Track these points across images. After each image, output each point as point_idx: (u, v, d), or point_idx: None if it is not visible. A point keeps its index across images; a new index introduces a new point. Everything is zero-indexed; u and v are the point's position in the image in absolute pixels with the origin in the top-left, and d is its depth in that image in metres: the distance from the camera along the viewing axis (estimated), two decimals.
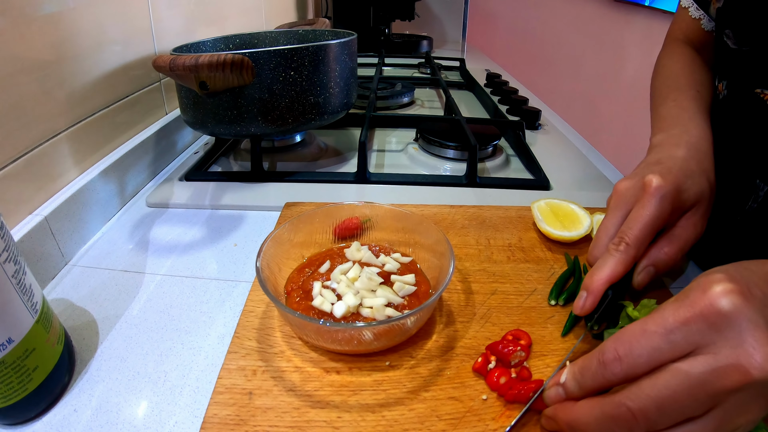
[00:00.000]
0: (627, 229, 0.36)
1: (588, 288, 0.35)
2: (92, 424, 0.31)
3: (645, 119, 1.74)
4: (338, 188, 0.62)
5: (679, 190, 0.36)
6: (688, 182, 0.37)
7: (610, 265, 0.35)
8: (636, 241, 0.35)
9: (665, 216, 0.36)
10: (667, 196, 0.35)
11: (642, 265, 0.37)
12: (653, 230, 0.36)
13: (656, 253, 0.37)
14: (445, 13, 1.81)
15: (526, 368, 0.34)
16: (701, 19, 0.54)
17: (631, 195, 0.38)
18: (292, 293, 0.38)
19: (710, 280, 0.24)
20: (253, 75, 0.54)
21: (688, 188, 0.37)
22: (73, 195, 0.49)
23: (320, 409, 0.31)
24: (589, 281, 0.35)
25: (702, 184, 0.38)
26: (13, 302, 0.29)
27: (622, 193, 0.39)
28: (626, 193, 0.38)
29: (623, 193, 0.39)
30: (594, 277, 0.35)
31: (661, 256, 0.36)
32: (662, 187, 0.35)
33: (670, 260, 0.37)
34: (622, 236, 0.36)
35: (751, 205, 0.46)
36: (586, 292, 0.35)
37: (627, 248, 0.35)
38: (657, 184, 0.36)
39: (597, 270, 0.35)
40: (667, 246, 0.37)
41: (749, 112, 0.45)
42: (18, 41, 0.44)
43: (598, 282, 0.35)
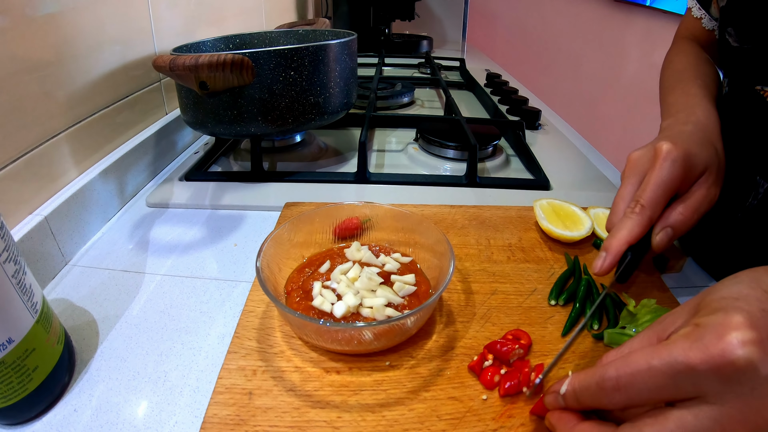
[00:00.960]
0: (642, 192, 0.37)
1: (608, 248, 0.36)
2: (92, 424, 0.31)
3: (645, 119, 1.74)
4: (338, 188, 0.62)
5: (689, 154, 0.37)
6: (696, 149, 0.38)
7: (627, 227, 0.36)
8: (651, 203, 0.36)
9: (677, 179, 0.37)
10: (678, 159, 0.36)
11: (659, 227, 0.37)
12: (667, 192, 0.37)
13: (672, 215, 0.37)
14: (445, 13, 1.81)
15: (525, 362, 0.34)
16: (702, 19, 0.55)
17: (643, 162, 0.39)
18: (292, 293, 0.38)
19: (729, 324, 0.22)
20: (253, 75, 0.54)
21: (697, 154, 0.38)
22: (73, 195, 0.49)
23: (320, 409, 0.31)
24: (609, 242, 0.36)
25: (710, 151, 0.39)
26: (13, 302, 0.29)
27: (635, 162, 0.40)
28: (639, 161, 0.40)
29: (636, 162, 0.40)
30: (613, 238, 0.36)
31: (677, 217, 0.37)
32: (673, 151, 0.37)
33: (686, 220, 0.37)
34: (637, 199, 0.37)
35: (752, 201, 0.46)
36: (605, 252, 0.36)
37: (642, 210, 0.36)
38: (668, 148, 0.37)
39: (616, 232, 0.37)
40: (682, 207, 0.38)
41: (750, 109, 0.45)
42: (18, 41, 0.44)
43: (618, 243, 0.36)
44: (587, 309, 0.39)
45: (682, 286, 0.46)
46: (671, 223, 0.37)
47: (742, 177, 0.46)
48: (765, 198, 0.45)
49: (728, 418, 0.21)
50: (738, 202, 0.47)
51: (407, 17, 1.53)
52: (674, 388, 0.23)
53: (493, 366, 0.33)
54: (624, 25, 1.78)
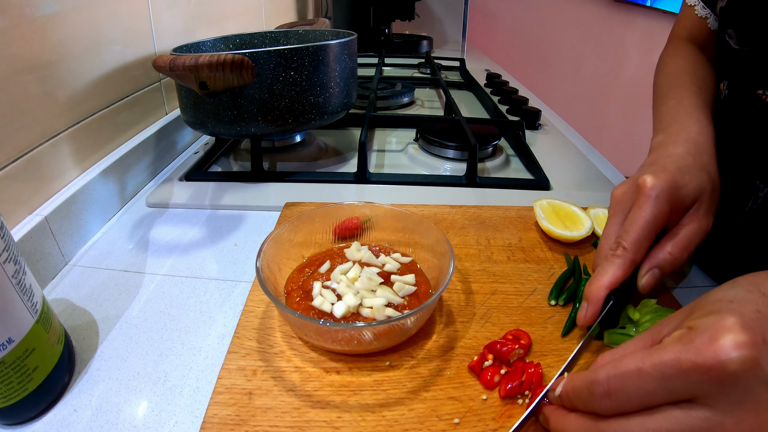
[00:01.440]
0: (623, 233, 0.35)
1: (588, 297, 0.34)
2: (92, 424, 0.31)
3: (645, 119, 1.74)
4: (338, 188, 0.62)
5: (676, 186, 0.35)
6: (686, 178, 0.36)
7: (609, 272, 0.34)
8: (633, 245, 0.34)
9: (663, 215, 0.35)
10: (662, 194, 0.35)
11: (645, 268, 0.35)
12: (651, 231, 0.35)
13: (659, 254, 0.35)
14: (445, 13, 1.81)
15: (526, 363, 0.34)
16: (707, 18, 0.53)
17: (627, 199, 0.37)
18: (292, 293, 0.38)
19: (722, 326, 0.21)
20: (253, 75, 0.54)
21: (685, 184, 0.36)
22: (73, 195, 0.49)
23: (320, 409, 0.31)
24: (589, 290, 0.35)
25: (701, 179, 0.37)
26: (13, 302, 0.29)
27: (619, 199, 0.38)
28: (623, 198, 0.38)
29: (620, 199, 0.38)
30: (593, 286, 0.34)
31: (665, 256, 0.35)
32: (656, 186, 0.35)
33: (675, 260, 0.35)
34: (619, 240, 0.35)
35: (751, 206, 0.46)
36: (587, 302, 0.34)
37: (624, 252, 0.34)
38: (651, 183, 0.35)
39: (596, 278, 0.35)
40: (671, 246, 0.35)
41: (750, 113, 0.45)
42: (18, 41, 0.44)
43: (598, 290, 0.34)
44: None
45: (682, 287, 0.46)
46: (658, 264, 0.35)
47: (742, 181, 0.46)
48: (764, 203, 0.44)
49: (720, 422, 0.21)
50: (737, 206, 0.47)
51: (407, 17, 1.53)
52: (665, 392, 0.22)
53: (493, 366, 0.33)
54: (624, 25, 1.78)
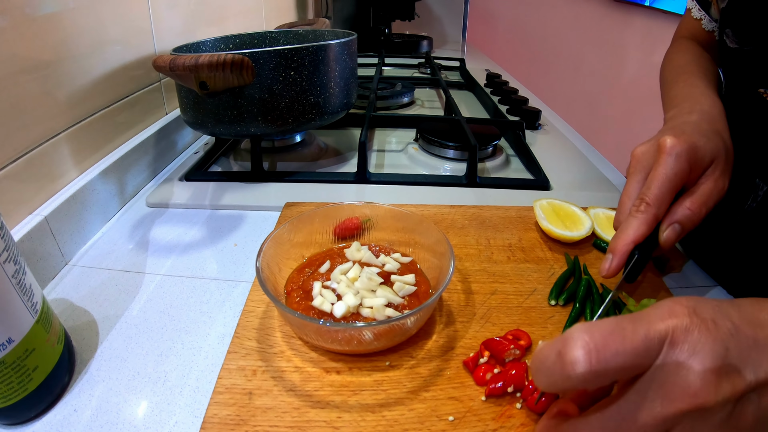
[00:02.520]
0: (646, 190, 0.36)
1: (614, 250, 0.36)
2: (92, 424, 0.31)
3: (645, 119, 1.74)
4: (338, 188, 0.62)
5: (695, 147, 0.36)
6: (702, 140, 0.37)
7: (633, 226, 0.36)
8: (656, 200, 0.36)
9: (683, 173, 0.36)
10: (683, 153, 0.36)
11: (666, 223, 0.37)
12: (672, 188, 0.36)
13: (679, 210, 0.37)
14: (445, 13, 1.81)
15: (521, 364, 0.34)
16: (702, 20, 0.54)
17: (648, 158, 0.39)
18: (292, 293, 0.38)
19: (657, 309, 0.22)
20: (253, 75, 0.54)
21: (702, 145, 0.37)
22: (73, 195, 0.49)
23: (320, 409, 0.31)
24: (614, 243, 0.36)
25: (716, 142, 0.38)
26: (13, 302, 0.29)
27: (639, 158, 0.39)
28: (643, 157, 0.39)
29: (640, 158, 0.39)
30: (619, 239, 0.36)
31: (684, 212, 0.36)
32: (676, 145, 0.36)
33: (693, 215, 0.36)
34: (642, 197, 0.36)
35: (750, 204, 0.46)
36: (611, 254, 0.36)
37: (647, 208, 0.36)
38: (672, 142, 0.36)
39: (621, 232, 0.36)
40: (689, 201, 0.37)
41: (750, 112, 0.45)
42: (18, 41, 0.44)
43: (623, 243, 0.35)
44: (587, 310, 0.39)
45: (682, 287, 0.46)
46: (679, 219, 0.36)
47: (742, 179, 0.46)
48: (764, 200, 0.45)
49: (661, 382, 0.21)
50: (737, 204, 0.47)
51: (407, 17, 1.54)
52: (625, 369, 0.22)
53: (488, 364, 0.34)
54: (624, 25, 1.79)
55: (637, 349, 0.21)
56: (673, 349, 0.21)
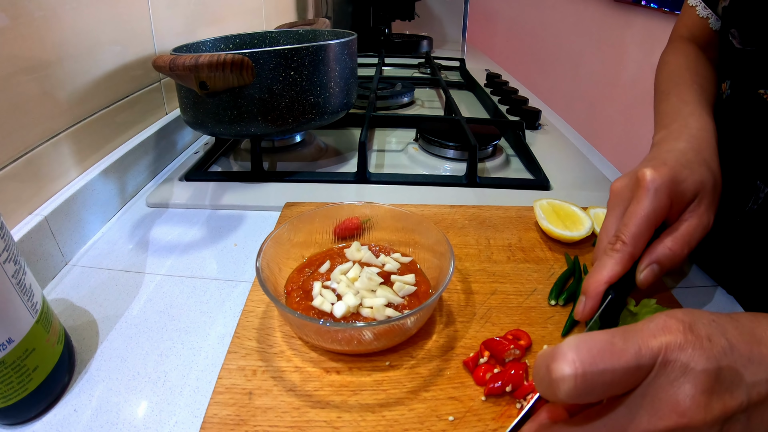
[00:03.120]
0: (622, 227, 0.35)
1: (586, 292, 0.34)
2: (92, 424, 0.31)
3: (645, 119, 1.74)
4: (338, 188, 0.62)
5: (676, 180, 0.35)
6: (685, 172, 0.35)
7: (607, 266, 0.34)
8: (632, 238, 0.34)
9: (662, 209, 0.34)
10: (662, 187, 0.34)
11: (644, 263, 0.35)
12: (651, 225, 0.34)
13: (659, 249, 0.35)
14: (445, 13, 1.81)
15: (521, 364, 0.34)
16: (708, 18, 0.53)
17: (627, 192, 0.37)
18: (292, 293, 0.38)
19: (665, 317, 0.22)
20: (253, 75, 0.54)
21: (685, 178, 0.35)
22: (73, 195, 0.49)
23: (320, 409, 0.31)
24: (587, 284, 0.34)
25: (702, 174, 0.36)
26: (13, 302, 0.29)
27: (618, 192, 0.38)
28: (622, 191, 0.37)
29: (619, 192, 0.38)
30: (591, 280, 0.34)
31: (664, 251, 0.35)
32: (656, 179, 0.34)
33: (674, 255, 0.35)
34: (618, 234, 0.35)
35: (751, 206, 0.46)
36: (585, 297, 0.34)
37: (623, 246, 0.34)
38: (650, 176, 0.34)
39: (594, 272, 0.34)
40: (671, 241, 0.35)
41: (751, 113, 0.45)
42: (18, 41, 0.44)
43: (596, 284, 0.34)
44: None
45: (682, 287, 0.46)
46: (657, 259, 0.34)
47: (743, 181, 0.46)
48: (765, 203, 0.44)
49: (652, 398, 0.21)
50: (738, 206, 0.47)
51: (407, 17, 1.54)
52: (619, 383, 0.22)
53: (488, 364, 0.34)
54: (624, 25, 1.79)
55: (628, 366, 0.21)
56: (665, 367, 0.21)
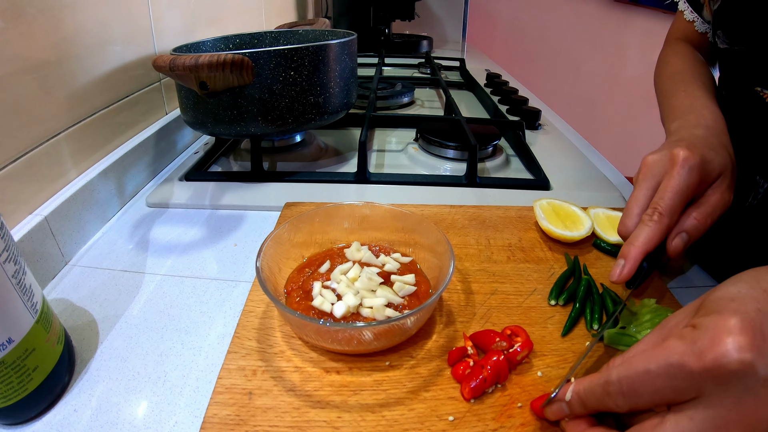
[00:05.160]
0: (659, 200, 0.37)
1: (626, 256, 0.37)
2: (92, 424, 0.31)
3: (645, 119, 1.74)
4: (338, 188, 0.62)
5: (705, 161, 0.37)
6: (712, 154, 0.38)
7: (646, 235, 0.36)
8: (669, 210, 0.37)
9: (694, 186, 0.37)
10: (695, 167, 0.37)
11: (675, 232, 0.38)
12: (684, 200, 0.37)
13: (687, 220, 0.38)
14: (445, 13, 1.81)
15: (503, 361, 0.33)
16: (694, 22, 0.55)
17: (659, 167, 0.39)
18: (292, 293, 0.38)
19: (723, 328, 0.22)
20: (253, 75, 0.54)
21: (712, 160, 0.38)
22: (73, 195, 0.49)
23: (320, 409, 0.31)
24: (627, 250, 0.37)
25: (724, 156, 0.39)
26: (13, 302, 0.29)
27: (651, 166, 0.40)
28: (655, 166, 0.39)
29: (652, 166, 0.40)
30: (632, 246, 0.37)
31: (692, 222, 0.38)
32: (690, 158, 0.37)
33: (700, 225, 0.38)
34: (655, 206, 0.37)
35: (751, 201, 0.46)
36: (624, 260, 0.37)
37: (661, 218, 0.37)
38: (685, 155, 0.37)
39: (634, 239, 0.37)
40: (697, 212, 0.38)
41: (749, 110, 0.45)
42: (18, 41, 0.44)
43: (636, 251, 0.36)
44: (587, 310, 0.39)
45: (682, 286, 0.46)
46: (686, 229, 0.38)
47: (742, 177, 0.46)
48: (765, 198, 0.45)
49: (724, 418, 0.22)
50: (738, 202, 0.47)
51: (407, 17, 1.53)
52: (672, 390, 0.23)
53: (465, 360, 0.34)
54: (624, 25, 1.79)
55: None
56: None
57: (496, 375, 0.32)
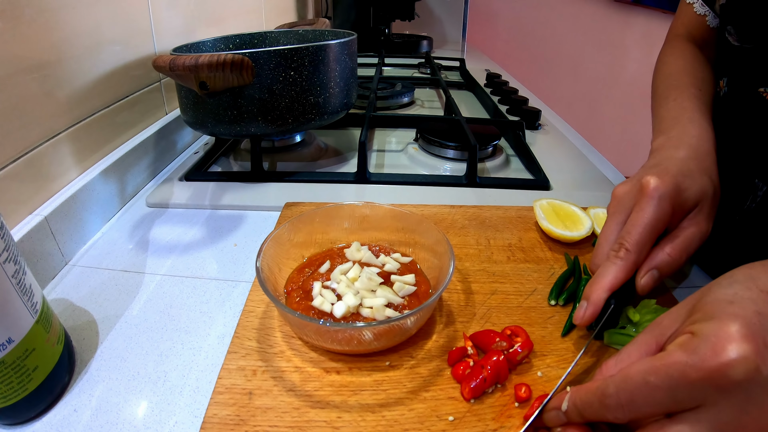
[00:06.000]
0: (626, 234, 0.35)
1: (588, 298, 0.34)
2: (92, 424, 0.31)
3: (645, 119, 1.74)
4: (338, 188, 0.62)
5: (679, 189, 0.35)
6: (687, 181, 0.36)
7: (610, 273, 0.34)
8: (636, 246, 0.34)
9: (665, 217, 0.35)
10: (665, 196, 0.35)
11: (644, 269, 0.35)
12: (653, 233, 0.35)
13: (659, 255, 0.35)
14: (445, 13, 1.81)
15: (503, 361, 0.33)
16: (706, 16, 0.53)
17: (629, 199, 0.37)
18: (292, 293, 0.38)
19: (724, 335, 0.22)
20: (253, 75, 0.54)
21: (687, 187, 0.36)
22: (73, 195, 0.49)
23: (320, 409, 0.31)
24: (590, 290, 0.34)
25: (703, 183, 0.37)
26: (13, 302, 0.29)
27: (620, 198, 0.38)
28: (624, 198, 0.38)
29: (621, 198, 0.38)
30: (594, 286, 0.34)
31: (664, 258, 0.35)
32: (659, 188, 0.35)
33: (673, 262, 0.35)
34: (621, 242, 0.35)
35: (750, 204, 0.46)
36: (586, 302, 0.34)
37: (627, 254, 0.34)
38: (654, 185, 0.35)
39: (597, 278, 0.34)
40: (670, 248, 0.35)
41: (750, 111, 0.45)
42: (18, 41, 0.44)
43: (599, 291, 0.34)
44: None
45: (682, 287, 0.46)
46: (657, 265, 0.35)
47: (741, 180, 0.46)
48: (763, 201, 0.45)
49: (727, 425, 0.22)
50: (737, 205, 0.47)
51: (407, 17, 1.53)
52: (673, 402, 0.23)
53: (465, 360, 0.34)
54: (624, 25, 1.79)
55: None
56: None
57: (496, 375, 0.32)
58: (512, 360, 0.34)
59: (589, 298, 0.34)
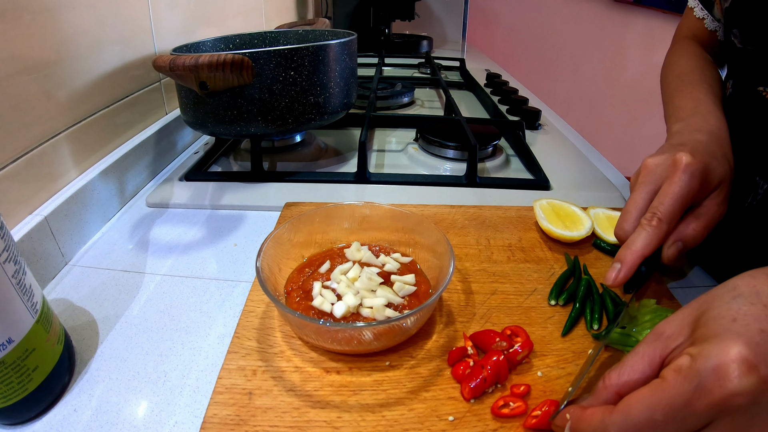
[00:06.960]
0: (659, 205, 0.37)
1: (623, 260, 0.36)
2: (92, 424, 0.31)
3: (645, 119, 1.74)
4: (338, 188, 0.62)
5: (707, 169, 0.37)
6: (714, 163, 0.38)
7: (643, 239, 0.36)
8: (668, 217, 0.36)
9: (694, 193, 0.37)
10: (697, 173, 0.36)
11: (671, 240, 0.37)
12: (684, 206, 0.36)
13: (684, 228, 0.37)
14: (445, 13, 1.81)
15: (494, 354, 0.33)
16: (704, 19, 0.54)
17: (660, 171, 0.38)
18: (292, 293, 0.38)
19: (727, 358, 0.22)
20: (253, 75, 0.54)
21: (714, 168, 0.38)
22: (73, 195, 0.49)
23: (320, 409, 0.31)
24: (624, 254, 0.36)
25: (725, 166, 0.39)
26: (13, 302, 0.29)
27: (652, 169, 0.39)
28: (656, 169, 0.39)
29: (653, 169, 0.39)
30: (628, 250, 0.36)
31: (689, 231, 0.37)
32: (693, 164, 0.36)
33: (697, 235, 0.37)
34: (654, 211, 0.36)
35: (751, 202, 0.46)
36: (620, 264, 0.36)
37: (659, 223, 0.36)
38: (688, 161, 0.36)
39: (631, 243, 0.36)
40: (694, 222, 0.37)
41: (751, 110, 0.45)
42: (18, 41, 0.44)
43: (633, 255, 0.36)
44: (586, 310, 0.39)
45: (682, 286, 0.46)
46: (683, 237, 0.37)
47: (742, 177, 0.46)
48: (764, 199, 0.45)
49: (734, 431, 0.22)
50: (737, 202, 0.47)
51: (407, 17, 1.53)
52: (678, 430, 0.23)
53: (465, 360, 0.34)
54: (624, 25, 1.79)
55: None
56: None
57: (496, 375, 0.32)
58: (512, 360, 0.34)
59: (623, 260, 0.36)
